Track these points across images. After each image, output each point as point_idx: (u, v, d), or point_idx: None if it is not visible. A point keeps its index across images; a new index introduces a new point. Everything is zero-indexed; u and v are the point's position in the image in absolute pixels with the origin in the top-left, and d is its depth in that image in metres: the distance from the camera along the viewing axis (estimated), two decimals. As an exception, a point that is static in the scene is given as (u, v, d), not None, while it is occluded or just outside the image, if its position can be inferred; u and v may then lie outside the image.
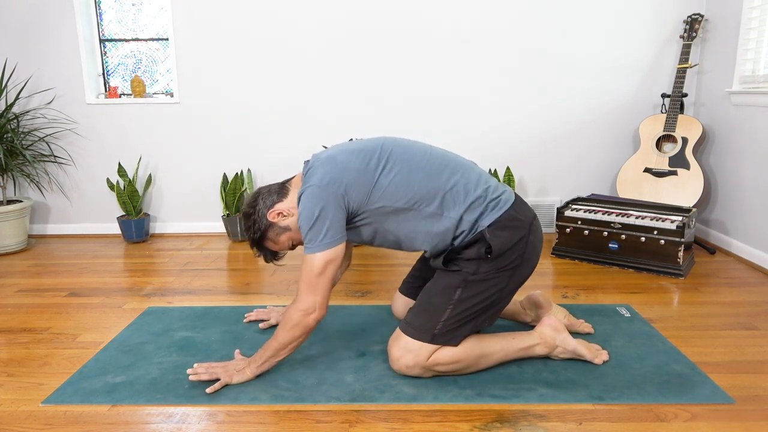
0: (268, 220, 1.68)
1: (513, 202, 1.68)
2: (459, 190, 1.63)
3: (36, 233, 3.56)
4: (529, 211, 1.71)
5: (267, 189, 1.73)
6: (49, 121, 3.40)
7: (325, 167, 1.60)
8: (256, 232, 1.70)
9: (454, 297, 1.63)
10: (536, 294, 1.99)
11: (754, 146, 2.79)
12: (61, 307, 2.34)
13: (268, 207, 1.69)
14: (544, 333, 1.77)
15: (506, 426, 1.46)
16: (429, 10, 3.23)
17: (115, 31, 3.43)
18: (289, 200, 1.69)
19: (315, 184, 1.57)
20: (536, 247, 1.70)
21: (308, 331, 1.62)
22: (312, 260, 1.57)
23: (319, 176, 1.58)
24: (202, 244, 3.32)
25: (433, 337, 1.62)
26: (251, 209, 1.70)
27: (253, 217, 1.69)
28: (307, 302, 1.58)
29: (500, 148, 3.40)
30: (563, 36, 3.25)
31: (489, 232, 1.61)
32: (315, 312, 1.59)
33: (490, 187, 1.67)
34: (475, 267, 1.63)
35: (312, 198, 1.56)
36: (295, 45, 3.29)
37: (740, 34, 2.89)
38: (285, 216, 1.68)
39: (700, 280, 2.56)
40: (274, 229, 1.69)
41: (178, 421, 1.51)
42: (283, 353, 1.66)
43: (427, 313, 1.64)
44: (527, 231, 1.66)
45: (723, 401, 1.56)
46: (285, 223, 1.69)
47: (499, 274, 1.63)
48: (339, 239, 1.58)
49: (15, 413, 1.56)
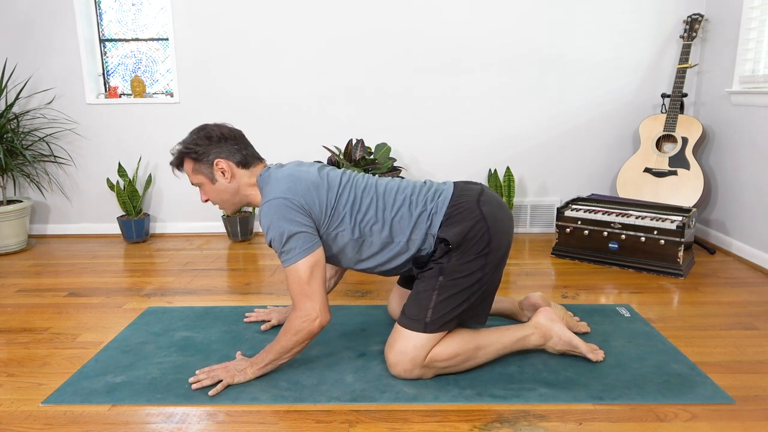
0: (210, 160, 1.68)
1: (452, 195, 1.70)
2: (403, 214, 1.68)
3: (36, 233, 3.56)
4: (472, 191, 1.72)
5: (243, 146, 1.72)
6: (49, 121, 3.40)
7: (288, 181, 1.63)
8: (194, 152, 1.68)
9: (436, 283, 1.64)
10: (535, 296, 1.98)
11: (753, 146, 2.79)
12: (61, 307, 2.34)
13: (224, 156, 1.68)
14: (539, 322, 1.78)
15: (506, 426, 1.46)
16: (429, 11, 3.23)
17: (115, 31, 3.43)
18: (241, 172, 1.70)
19: (278, 197, 1.59)
20: (498, 217, 1.69)
21: (312, 337, 1.63)
22: (296, 270, 1.58)
23: (283, 188, 1.61)
24: (202, 244, 3.32)
25: (425, 326, 1.63)
26: (216, 139, 1.68)
27: (209, 144, 1.67)
28: (307, 309, 1.59)
29: (500, 148, 3.40)
30: (563, 36, 3.25)
31: (442, 232, 1.65)
32: (318, 318, 1.60)
33: (427, 198, 1.71)
34: (447, 258, 1.66)
35: (278, 210, 1.58)
36: (295, 45, 3.29)
37: (740, 34, 2.89)
38: (224, 175, 1.69)
39: (700, 280, 2.56)
40: (205, 167, 1.69)
41: (178, 421, 1.51)
42: (286, 357, 1.67)
43: (416, 303, 1.66)
44: (478, 209, 1.67)
45: (723, 401, 1.56)
46: (217, 177, 1.69)
47: (472, 256, 1.64)
48: (315, 243, 1.61)
49: (15, 413, 1.56)
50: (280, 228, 1.57)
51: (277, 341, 1.65)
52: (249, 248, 3.21)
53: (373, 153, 3.16)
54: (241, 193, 1.73)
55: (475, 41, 3.26)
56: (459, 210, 1.67)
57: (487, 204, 1.69)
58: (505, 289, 2.48)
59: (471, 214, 1.65)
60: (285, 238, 1.57)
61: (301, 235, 1.58)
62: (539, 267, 2.79)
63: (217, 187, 1.71)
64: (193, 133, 1.71)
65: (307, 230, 1.60)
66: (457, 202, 1.69)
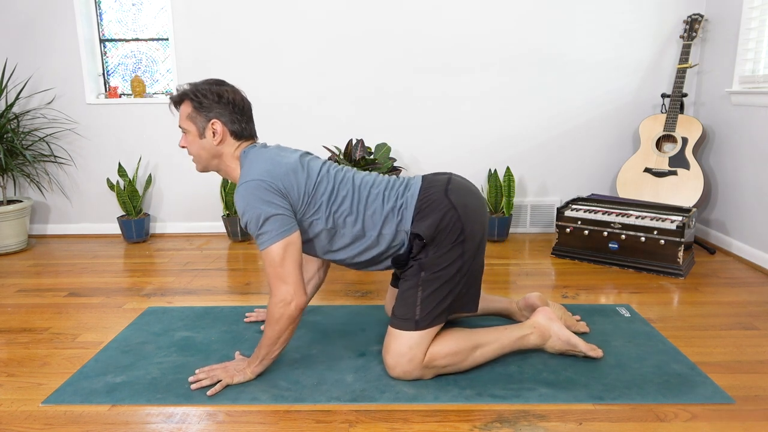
0: (208, 116, 1.66)
1: (420, 188, 1.70)
2: (375, 209, 1.68)
3: (36, 233, 3.56)
4: (439, 182, 1.72)
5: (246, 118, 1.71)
6: (49, 121, 3.40)
7: (268, 163, 1.62)
8: (198, 100, 1.66)
9: (419, 280, 1.65)
10: (533, 296, 1.98)
11: (753, 146, 2.79)
12: (61, 307, 2.34)
13: (224, 122, 1.67)
14: (538, 322, 1.78)
15: (506, 426, 1.46)
16: (429, 11, 3.23)
17: (115, 31, 3.43)
18: (230, 140, 1.69)
19: (256, 178, 1.58)
20: (468, 204, 1.69)
21: (292, 321, 1.61)
22: (270, 253, 1.57)
23: (262, 170, 1.60)
24: (202, 244, 3.32)
25: (416, 324, 1.63)
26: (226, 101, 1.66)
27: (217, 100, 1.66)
28: (281, 292, 1.58)
29: (500, 148, 3.40)
30: (563, 36, 3.25)
31: (414, 228, 1.65)
32: (293, 300, 1.58)
33: (399, 193, 1.71)
34: (424, 253, 1.66)
35: (255, 192, 1.57)
36: (295, 45, 3.29)
37: (740, 34, 2.89)
38: (213, 135, 1.67)
39: (700, 280, 2.56)
40: (200, 119, 1.66)
41: (178, 421, 1.51)
42: (276, 348, 1.66)
43: (403, 303, 1.66)
44: (446, 200, 1.66)
45: (723, 401, 1.56)
46: (207, 134, 1.67)
47: (449, 246, 1.64)
48: (291, 227, 1.59)
49: (15, 413, 1.56)
50: (257, 210, 1.56)
51: (264, 334, 1.64)
52: (249, 248, 3.21)
53: (373, 153, 3.16)
54: (221, 159, 1.71)
55: (476, 41, 3.26)
56: (428, 203, 1.66)
57: (455, 192, 1.69)
58: (505, 289, 2.48)
59: (440, 205, 1.65)
60: (261, 221, 1.56)
61: (278, 218, 1.57)
62: (539, 267, 2.79)
63: (202, 142, 1.69)
64: (208, 83, 1.69)
65: (283, 213, 1.58)
66: (425, 195, 1.68)
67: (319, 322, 2.13)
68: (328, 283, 2.58)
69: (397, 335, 1.65)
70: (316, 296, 2.41)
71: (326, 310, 2.24)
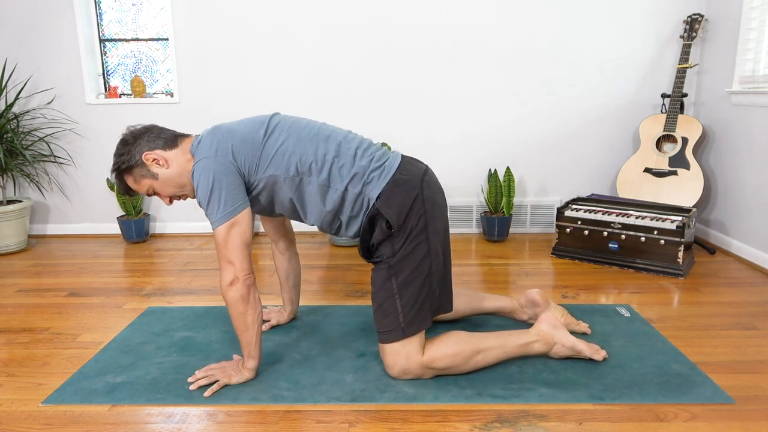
0: (142, 160, 1.66)
1: (398, 164, 1.67)
2: (344, 162, 1.64)
3: (36, 233, 3.56)
4: (418, 168, 1.70)
5: (158, 131, 1.70)
6: (49, 121, 3.40)
7: (211, 137, 1.62)
8: (123, 163, 1.67)
9: (393, 288, 1.63)
10: (534, 292, 1.99)
11: (753, 146, 2.79)
12: (61, 307, 2.34)
13: (150, 148, 1.66)
14: (542, 330, 1.77)
15: (506, 426, 1.46)
16: (429, 11, 3.23)
17: (115, 31, 3.43)
18: (172, 153, 1.67)
19: (203, 157, 1.58)
20: (436, 201, 1.68)
21: (246, 301, 1.59)
22: (217, 233, 1.57)
23: (206, 148, 1.60)
24: (202, 244, 3.32)
25: (404, 331, 1.62)
26: (131, 139, 1.67)
27: (129, 148, 1.66)
28: (227, 275, 1.58)
29: (500, 148, 3.40)
30: (563, 36, 3.25)
31: (380, 204, 1.62)
32: (238, 281, 1.57)
33: (374, 156, 1.68)
34: (390, 248, 1.63)
35: (203, 171, 1.56)
36: (295, 45, 3.29)
37: (740, 34, 2.89)
38: (159, 165, 1.66)
39: (700, 280, 2.56)
40: (141, 169, 1.67)
41: (178, 421, 1.51)
42: (251, 334, 1.64)
43: (384, 314, 1.64)
44: (419, 189, 1.65)
45: (723, 401, 1.56)
46: (155, 170, 1.67)
47: (414, 240, 1.62)
48: (239, 207, 1.58)
49: (15, 413, 1.56)
50: (204, 189, 1.56)
51: (233, 326, 1.64)
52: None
53: (373, 153, 3.16)
54: (184, 171, 1.68)
55: (475, 41, 3.26)
56: (403, 182, 1.64)
57: (429, 185, 1.68)
58: (505, 289, 2.49)
59: (412, 191, 1.63)
60: (207, 200, 1.56)
61: (223, 198, 1.56)
62: (539, 267, 2.79)
63: (162, 179, 1.67)
64: (115, 151, 1.70)
65: (230, 191, 1.57)
66: (404, 171, 1.66)
67: (319, 322, 2.13)
68: (328, 283, 2.58)
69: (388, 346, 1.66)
70: (316, 296, 2.41)
71: (326, 310, 2.24)
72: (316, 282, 2.60)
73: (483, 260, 2.91)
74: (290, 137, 1.65)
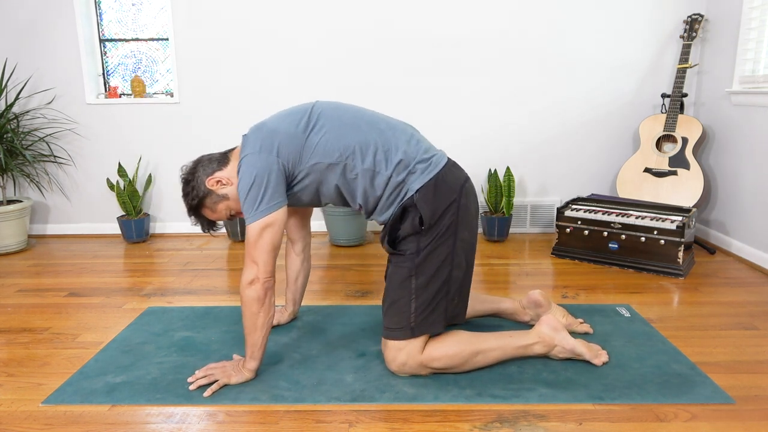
0: (207, 188, 1.69)
1: (444, 165, 1.67)
2: (389, 148, 1.64)
3: (36, 233, 3.56)
4: (461, 174, 1.71)
5: (208, 157, 1.73)
6: (49, 121, 3.40)
7: (255, 135, 1.62)
8: (194, 199, 1.70)
9: (411, 287, 1.63)
10: (535, 293, 1.99)
11: (753, 146, 2.79)
12: (61, 307, 2.34)
13: (208, 174, 1.69)
14: (543, 332, 1.77)
15: (506, 426, 1.46)
16: (429, 10, 3.23)
17: (115, 31, 3.43)
18: (228, 169, 1.70)
19: (248, 153, 1.59)
20: (470, 210, 1.69)
21: (261, 303, 1.60)
22: (250, 229, 1.58)
23: (251, 144, 1.61)
24: (202, 244, 3.32)
25: (412, 331, 1.63)
26: (190, 176, 1.70)
27: (192, 184, 1.69)
28: (248, 273, 1.58)
29: (500, 148, 3.40)
30: (563, 36, 3.25)
31: (418, 198, 1.61)
32: (258, 281, 1.58)
33: (421, 148, 1.67)
34: (416, 244, 1.63)
35: (247, 167, 1.58)
36: (295, 45, 3.29)
37: (740, 34, 2.89)
38: (224, 185, 1.69)
39: (700, 280, 2.56)
40: (212, 197, 1.70)
41: (178, 421, 1.51)
42: (259, 336, 1.64)
43: (396, 311, 1.65)
44: (458, 194, 1.65)
45: (723, 401, 1.56)
46: (223, 192, 1.69)
47: (441, 244, 1.63)
48: (276, 204, 1.58)
49: (15, 413, 1.56)
50: (245, 185, 1.57)
51: (243, 324, 1.64)
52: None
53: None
54: None
55: (475, 41, 3.26)
56: (444, 182, 1.64)
57: (468, 194, 1.69)
58: (505, 289, 2.48)
59: (451, 194, 1.64)
60: (246, 194, 1.57)
61: (261, 195, 1.56)
62: (539, 267, 2.79)
63: (233, 196, 1.70)
64: (182, 192, 1.73)
65: (270, 190, 1.57)
66: (447, 172, 1.66)
67: (319, 322, 2.13)
68: (328, 283, 2.58)
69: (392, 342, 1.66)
70: (316, 296, 2.41)
71: (326, 310, 2.24)
72: (316, 282, 2.60)
73: (483, 260, 2.91)
74: (333, 125, 1.64)
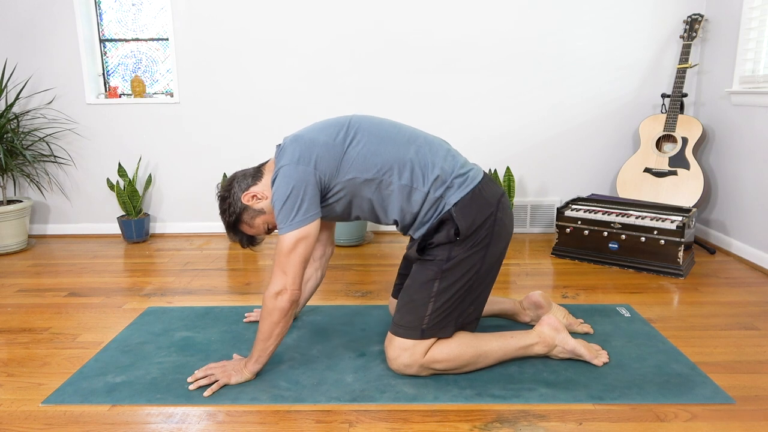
0: (243, 203, 1.69)
1: (480, 179, 1.68)
2: (426, 164, 1.64)
3: (36, 233, 3.56)
4: (497, 189, 1.71)
5: (242, 173, 1.74)
6: (49, 121, 3.40)
7: (293, 146, 1.61)
8: (231, 215, 1.70)
9: (433, 290, 1.63)
10: (536, 294, 1.99)
11: (754, 146, 2.79)
12: (61, 307, 2.34)
13: (243, 190, 1.69)
14: (543, 332, 1.77)
15: (506, 426, 1.46)
16: (429, 11, 3.23)
17: (115, 31, 3.43)
18: (263, 183, 1.70)
19: (285, 164, 1.58)
20: (506, 225, 1.69)
21: (284, 314, 1.60)
22: (283, 240, 1.57)
23: (289, 155, 1.60)
24: (202, 244, 3.32)
25: (422, 333, 1.63)
26: (227, 192, 1.71)
27: (228, 200, 1.70)
28: (276, 284, 1.58)
29: (500, 148, 3.40)
30: (563, 36, 3.25)
31: (455, 211, 1.62)
32: (286, 292, 1.58)
33: (458, 163, 1.68)
34: (447, 252, 1.63)
35: (284, 178, 1.57)
36: (295, 45, 3.29)
37: (740, 34, 2.89)
38: (259, 199, 1.69)
39: (700, 280, 2.56)
40: (248, 212, 1.70)
41: (178, 421, 1.51)
42: (270, 344, 1.64)
43: (411, 310, 1.64)
44: (495, 208, 1.66)
45: (723, 401, 1.56)
46: (259, 206, 1.69)
47: (471, 254, 1.63)
48: (311, 216, 1.58)
49: (15, 413, 1.56)
50: (282, 195, 1.56)
51: (258, 330, 1.64)
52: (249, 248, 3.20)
53: (373, 153, 3.16)
54: None
55: (475, 41, 3.26)
56: (481, 196, 1.64)
57: (504, 209, 1.69)
58: (505, 289, 2.48)
59: (488, 210, 1.64)
60: (282, 204, 1.56)
61: (297, 206, 1.55)
62: (539, 267, 2.79)
63: (269, 211, 1.70)
64: (219, 210, 1.74)
65: (306, 201, 1.56)
66: (482, 189, 1.66)
67: (319, 322, 2.13)
68: (327, 283, 2.58)
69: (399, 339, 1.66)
70: (316, 296, 2.41)
71: (326, 310, 2.24)
72: (316, 282, 2.60)
73: (483, 260, 2.91)
74: (371, 139, 1.64)
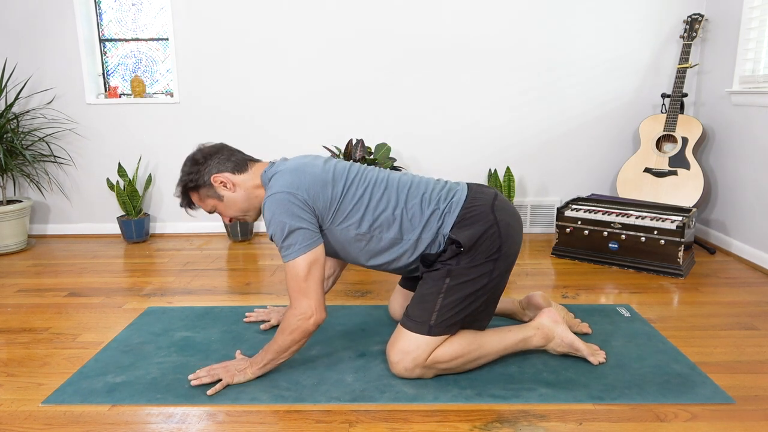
0: (210, 181, 1.69)
1: (466, 197, 1.69)
2: (415, 213, 1.67)
3: (36, 233, 3.56)
4: (487, 196, 1.72)
5: (229, 153, 1.73)
6: (49, 121, 3.40)
7: (292, 175, 1.63)
8: (191, 182, 1.71)
9: (443, 286, 1.64)
10: (536, 295, 1.98)
11: (753, 146, 2.79)
12: (61, 307, 2.34)
13: (218, 171, 1.70)
14: (542, 323, 1.77)
15: (506, 426, 1.46)
16: (429, 11, 3.23)
17: (115, 31, 3.43)
18: (240, 178, 1.71)
19: (282, 191, 1.59)
20: (510, 224, 1.69)
21: (308, 335, 1.62)
22: (295, 266, 1.58)
23: (282, 182, 1.61)
24: (202, 244, 3.32)
25: (429, 329, 1.62)
26: (202, 159, 1.71)
27: (199, 167, 1.70)
28: (302, 306, 1.58)
29: (500, 148, 3.40)
30: (563, 36, 3.25)
31: (453, 233, 1.64)
32: (313, 316, 1.59)
33: (441, 197, 1.70)
34: (456, 261, 1.64)
35: (281, 205, 1.57)
36: (295, 45, 3.29)
37: (740, 34, 2.89)
38: (226, 188, 1.70)
39: (700, 280, 2.56)
40: (208, 190, 1.71)
41: (178, 421, 1.51)
42: (284, 356, 1.66)
43: (421, 304, 1.65)
44: (491, 213, 1.66)
45: (723, 401, 1.56)
46: (222, 192, 1.71)
47: (482, 261, 1.63)
48: (316, 241, 1.60)
49: (15, 413, 1.56)
50: (282, 222, 1.57)
51: (275, 340, 1.64)
52: (249, 248, 3.21)
53: (373, 153, 3.16)
54: (251, 196, 1.73)
55: (476, 41, 3.26)
56: (472, 213, 1.66)
57: (501, 210, 1.69)
58: (505, 289, 2.48)
59: (485, 218, 1.65)
60: (286, 233, 1.57)
61: (301, 231, 1.57)
62: (539, 267, 2.79)
63: (227, 201, 1.72)
64: (183, 167, 1.74)
65: (308, 227, 1.59)
66: (471, 204, 1.68)
67: (319, 322, 2.13)
68: (328, 283, 2.58)
69: (406, 334, 1.65)
70: (316, 296, 2.41)
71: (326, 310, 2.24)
72: (316, 282, 2.60)
73: (483, 260, 2.91)
74: (366, 192, 1.67)
